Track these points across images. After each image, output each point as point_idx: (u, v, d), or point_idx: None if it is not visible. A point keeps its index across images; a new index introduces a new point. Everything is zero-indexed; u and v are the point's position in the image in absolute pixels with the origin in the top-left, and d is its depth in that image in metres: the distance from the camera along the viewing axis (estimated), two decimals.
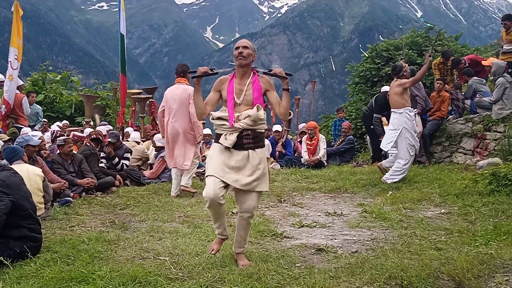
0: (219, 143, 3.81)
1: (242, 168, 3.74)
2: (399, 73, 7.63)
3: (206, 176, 3.79)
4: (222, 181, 3.70)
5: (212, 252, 3.99)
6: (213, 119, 3.89)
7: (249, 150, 3.76)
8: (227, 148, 3.75)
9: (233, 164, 3.74)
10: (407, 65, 8.02)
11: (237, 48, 3.86)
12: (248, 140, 3.76)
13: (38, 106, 12.25)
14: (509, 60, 9.44)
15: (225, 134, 3.77)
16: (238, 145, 3.74)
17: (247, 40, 3.99)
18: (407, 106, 7.51)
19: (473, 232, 4.57)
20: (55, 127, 10.65)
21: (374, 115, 9.62)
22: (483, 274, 3.45)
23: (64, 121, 12.45)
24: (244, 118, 3.73)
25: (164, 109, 7.34)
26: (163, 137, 7.63)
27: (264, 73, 3.92)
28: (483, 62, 9.96)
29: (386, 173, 7.65)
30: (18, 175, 4.48)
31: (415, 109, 8.01)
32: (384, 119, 9.75)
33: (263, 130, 3.88)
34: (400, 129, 7.43)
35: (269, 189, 4.06)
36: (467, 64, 10.38)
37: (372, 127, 9.82)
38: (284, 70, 3.87)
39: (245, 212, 3.85)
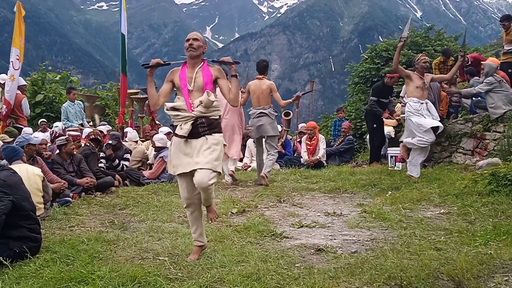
0: (176, 134, 3.91)
1: (199, 150, 3.80)
2: (411, 64, 7.99)
3: (177, 174, 3.92)
4: (191, 179, 3.80)
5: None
6: (167, 109, 3.95)
7: (206, 136, 3.84)
8: (185, 141, 3.84)
9: (190, 151, 3.82)
10: (424, 58, 7.82)
11: (188, 40, 3.97)
12: (203, 128, 3.84)
13: (80, 102, 12.12)
14: (510, 60, 9.46)
15: (180, 124, 3.86)
16: (195, 134, 3.83)
17: (197, 32, 4.11)
18: (411, 97, 7.64)
19: (473, 232, 4.57)
20: (59, 125, 10.62)
21: (370, 98, 9.68)
22: (483, 274, 3.45)
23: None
24: (197, 106, 3.83)
25: None
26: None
27: (212, 61, 4.05)
28: (482, 63, 9.98)
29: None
30: (18, 175, 4.48)
31: (422, 100, 7.68)
32: (385, 114, 9.76)
33: (218, 117, 3.96)
34: (405, 117, 7.78)
35: (271, 189, 4.06)
36: (469, 62, 10.39)
37: (375, 125, 9.82)
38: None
39: (199, 188, 3.79)
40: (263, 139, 8.34)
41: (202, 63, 4.01)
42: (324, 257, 4.08)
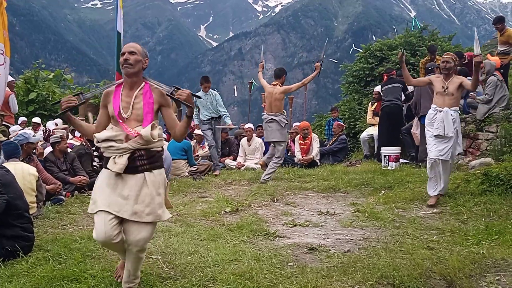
0: (107, 168, 3.17)
1: (139, 195, 3.11)
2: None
3: (96, 212, 3.12)
4: (115, 216, 3.06)
5: (118, 280, 3.42)
6: (97, 142, 3.21)
7: (145, 173, 3.16)
8: (117, 175, 3.13)
9: (128, 193, 3.10)
10: (443, 57, 6.46)
11: (123, 54, 3.25)
12: (142, 161, 3.16)
13: (215, 93, 9.81)
14: (504, 61, 9.50)
15: (114, 157, 3.13)
16: (131, 169, 3.13)
17: (135, 44, 3.35)
18: (433, 104, 6.33)
19: (465, 231, 4.59)
20: (51, 125, 10.56)
21: (406, 91, 9.84)
22: (475, 273, 3.47)
23: (57, 119, 12.36)
24: (135, 137, 3.14)
25: None
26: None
27: (167, 95, 3.27)
28: (483, 62, 10.02)
29: None
30: (11, 174, 4.46)
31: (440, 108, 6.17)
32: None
33: (160, 148, 3.28)
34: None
35: (264, 188, 4.02)
36: (466, 60, 10.40)
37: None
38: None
39: (133, 246, 3.14)
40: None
41: (143, 83, 3.28)
42: (317, 256, 4.09)
